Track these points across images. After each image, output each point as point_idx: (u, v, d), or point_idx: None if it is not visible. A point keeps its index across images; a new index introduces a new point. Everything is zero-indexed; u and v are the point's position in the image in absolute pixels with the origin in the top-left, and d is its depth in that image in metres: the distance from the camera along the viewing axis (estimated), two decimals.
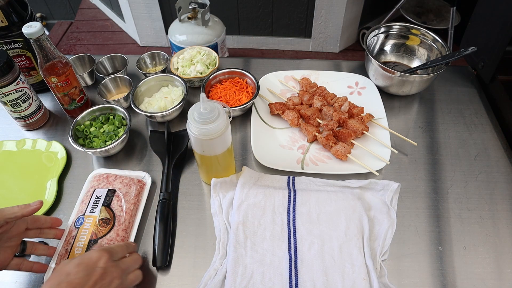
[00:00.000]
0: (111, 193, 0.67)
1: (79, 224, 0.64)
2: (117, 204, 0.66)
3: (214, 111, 0.59)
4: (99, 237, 0.62)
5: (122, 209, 0.65)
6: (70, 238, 0.63)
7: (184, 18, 1.73)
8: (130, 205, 0.66)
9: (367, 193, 0.71)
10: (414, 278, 0.62)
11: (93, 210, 0.65)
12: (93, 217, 0.64)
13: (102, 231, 0.62)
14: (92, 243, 0.61)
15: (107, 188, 0.68)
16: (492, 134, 0.83)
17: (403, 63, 0.97)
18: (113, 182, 0.69)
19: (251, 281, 0.59)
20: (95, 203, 0.66)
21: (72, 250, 0.61)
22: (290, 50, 2.40)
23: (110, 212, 0.64)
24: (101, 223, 0.63)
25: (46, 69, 0.76)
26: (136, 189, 0.69)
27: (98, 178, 0.71)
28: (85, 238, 0.62)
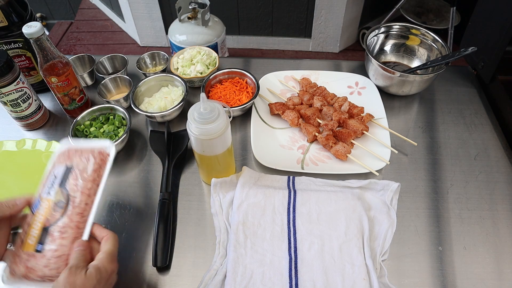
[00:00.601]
0: (68, 170, 0.57)
1: (34, 209, 0.55)
2: (72, 183, 0.56)
3: (214, 111, 0.59)
4: (51, 223, 0.53)
5: (77, 188, 0.55)
6: (25, 225, 0.54)
7: (184, 18, 1.73)
8: (87, 183, 0.56)
9: (367, 193, 0.71)
10: (414, 278, 0.62)
11: (49, 191, 0.55)
12: (48, 200, 0.54)
13: (54, 216, 0.53)
14: (44, 232, 0.52)
15: (65, 164, 0.57)
16: (492, 134, 0.83)
17: (403, 63, 0.97)
18: (72, 158, 0.58)
19: (251, 281, 0.59)
20: (52, 182, 0.56)
21: (26, 240, 0.52)
22: (290, 50, 2.40)
23: (65, 193, 0.55)
24: (55, 207, 0.54)
25: (46, 69, 0.76)
26: (96, 163, 0.57)
27: (60, 155, 0.60)
28: (38, 225, 0.53)
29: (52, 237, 0.52)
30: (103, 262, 0.50)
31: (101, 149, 0.60)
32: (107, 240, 0.53)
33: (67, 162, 0.58)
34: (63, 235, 0.52)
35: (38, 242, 0.52)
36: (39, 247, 0.52)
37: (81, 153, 0.59)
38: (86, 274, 0.48)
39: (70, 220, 0.53)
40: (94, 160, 0.58)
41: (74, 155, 0.58)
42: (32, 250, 0.52)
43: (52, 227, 0.52)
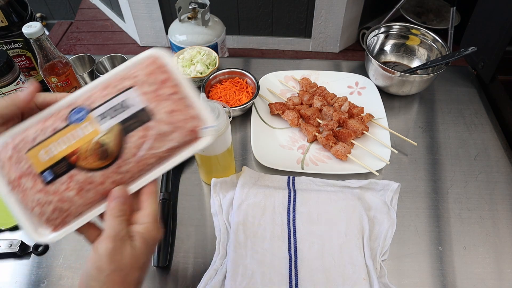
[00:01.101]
0: (143, 116, 0.39)
1: (74, 119, 0.40)
2: (137, 140, 0.39)
3: (214, 111, 0.59)
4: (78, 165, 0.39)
5: (136, 154, 0.39)
6: (51, 128, 0.39)
7: (184, 18, 1.73)
8: (152, 157, 0.40)
9: (367, 193, 0.71)
10: (414, 278, 0.62)
11: (104, 117, 0.39)
12: (95, 127, 0.39)
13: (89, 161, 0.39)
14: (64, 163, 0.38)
15: (147, 103, 0.40)
16: (492, 134, 0.83)
17: (403, 63, 0.97)
18: (161, 100, 0.40)
19: (251, 281, 0.59)
20: (115, 109, 0.39)
21: (38, 147, 0.39)
22: (290, 50, 2.40)
23: (119, 144, 0.39)
24: (96, 149, 0.39)
25: (46, 69, 0.76)
26: (179, 141, 0.40)
27: (152, 70, 0.41)
28: (63, 147, 0.39)
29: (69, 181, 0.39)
30: (149, 229, 0.38)
31: (194, 126, 0.41)
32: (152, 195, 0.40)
33: (151, 101, 0.40)
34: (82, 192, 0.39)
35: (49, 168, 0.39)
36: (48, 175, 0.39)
37: (176, 107, 0.40)
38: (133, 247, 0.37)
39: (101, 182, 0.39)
40: (181, 135, 0.40)
41: (167, 100, 0.40)
42: (38, 171, 0.39)
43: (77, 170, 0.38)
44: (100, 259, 0.36)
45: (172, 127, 0.40)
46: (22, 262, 0.65)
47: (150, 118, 0.39)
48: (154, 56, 0.43)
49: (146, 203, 0.40)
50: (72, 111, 0.40)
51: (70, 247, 0.67)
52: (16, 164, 0.39)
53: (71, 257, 0.65)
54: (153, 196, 0.40)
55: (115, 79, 0.42)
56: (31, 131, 0.40)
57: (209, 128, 0.42)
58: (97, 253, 0.36)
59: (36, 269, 0.64)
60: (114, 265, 0.36)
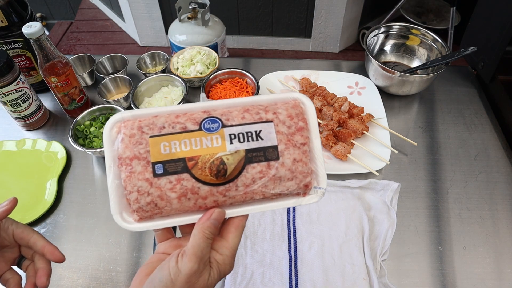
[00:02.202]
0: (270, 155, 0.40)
1: (205, 128, 0.39)
2: (255, 172, 0.39)
3: None
4: (192, 170, 0.38)
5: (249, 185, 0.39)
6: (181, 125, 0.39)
7: (184, 18, 1.73)
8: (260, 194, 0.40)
9: (367, 193, 0.71)
10: (414, 278, 0.62)
11: (235, 138, 0.39)
12: (223, 144, 0.38)
13: (203, 172, 0.38)
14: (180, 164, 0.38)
15: (279, 143, 0.40)
16: (492, 134, 0.83)
17: (403, 63, 0.97)
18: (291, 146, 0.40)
19: (251, 281, 0.59)
20: (248, 134, 0.39)
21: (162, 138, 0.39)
22: (290, 50, 2.40)
23: (238, 169, 0.38)
24: (215, 164, 0.38)
25: (46, 69, 0.76)
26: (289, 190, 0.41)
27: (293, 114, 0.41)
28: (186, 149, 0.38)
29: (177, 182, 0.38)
30: (225, 262, 0.38)
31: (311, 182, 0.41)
32: (238, 229, 0.39)
33: (282, 143, 0.40)
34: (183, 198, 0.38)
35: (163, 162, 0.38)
36: (159, 168, 0.38)
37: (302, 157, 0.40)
38: (209, 275, 0.36)
39: (205, 196, 0.39)
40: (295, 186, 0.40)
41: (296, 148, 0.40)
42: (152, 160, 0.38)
43: (189, 175, 0.38)
44: (179, 274, 0.35)
45: (291, 175, 0.40)
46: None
47: (276, 158, 0.39)
48: (301, 101, 0.43)
49: (231, 235, 0.39)
50: (206, 119, 0.40)
51: (70, 247, 0.67)
52: (135, 145, 0.39)
53: (71, 257, 0.65)
54: (240, 230, 0.39)
55: (257, 106, 0.42)
56: (161, 120, 0.40)
57: (320, 189, 0.41)
58: (178, 267, 0.35)
59: None
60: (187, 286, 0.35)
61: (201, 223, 0.38)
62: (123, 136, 0.39)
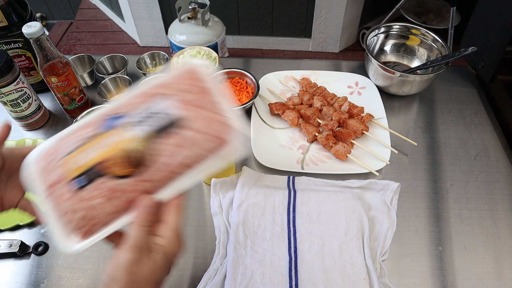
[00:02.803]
0: (179, 124, 0.39)
1: (108, 127, 0.40)
2: (170, 149, 0.39)
3: None
4: (107, 172, 0.38)
5: (169, 163, 0.39)
6: (84, 135, 0.40)
7: (184, 18, 1.73)
8: (181, 166, 0.39)
9: (367, 193, 0.71)
10: (414, 278, 0.62)
11: (139, 124, 0.39)
12: (129, 136, 0.39)
13: (119, 168, 0.38)
14: (94, 171, 0.38)
15: (184, 112, 0.40)
16: (492, 134, 0.83)
17: (403, 63, 0.97)
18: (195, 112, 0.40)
19: (251, 281, 0.59)
20: (150, 116, 0.39)
21: (70, 156, 0.39)
22: (290, 50, 2.40)
23: (151, 152, 0.39)
24: (127, 156, 0.38)
25: (46, 69, 0.76)
26: (208, 150, 0.40)
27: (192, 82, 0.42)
28: (93, 155, 0.39)
29: (98, 188, 0.39)
30: (170, 243, 0.38)
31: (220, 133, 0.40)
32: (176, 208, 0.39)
33: (184, 111, 0.40)
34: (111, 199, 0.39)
35: (79, 176, 0.39)
36: (78, 182, 0.39)
37: (207, 117, 0.40)
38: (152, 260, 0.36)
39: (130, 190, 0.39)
40: (210, 144, 0.40)
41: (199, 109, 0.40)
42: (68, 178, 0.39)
43: (106, 177, 0.38)
44: (118, 268, 0.35)
45: (203, 135, 0.40)
46: (22, 262, 0.65)
47: (183, 126, 0.39)
48: (193, 69, 0.43)
49: (170, 216, 0.39)
50: (106, 120, 0.40)
51: None
52: (51, 172, 0.40)
53: (71, 257, 0.65)
54: (178, 209, 0.39)
55: (152, 88, 0.42)
56: (65, 140, 0.41)
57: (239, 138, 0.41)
58: (116, 262, 0.35)
59: (36, 269, 0.64)
60: (130, 277, 0.35)
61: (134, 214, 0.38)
62: (40, 170, 0.40)
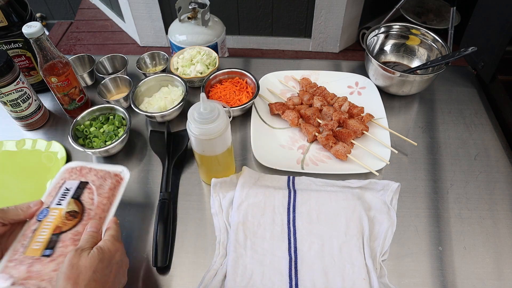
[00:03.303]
0: (82, 185, 0.60)
1: (41, 217, 0.56)
2: (88, 197, 0.59)
3: (214, 111, 0.59)
4: (63, 230, 0.55)
5: (93, 203, 0.59)
6: (29, 232, 0.55)
7: (184, 18, 1.73)
8: (103, 199, 0.60)
9: (367, 193, 0.71)
10: (414, 278, 0.62)
11: (60, 202, 0.58)
12: (59, 209, 0.57)
13: (68, 224, 0.55)
14: (54, 237, 0.54)
15: (79, 180, 0.62)
16: (492, 134, 0.83)
17: (403, 63, 0.97)
18: (86, 175, 0.63)
19: (251, 281, 0.59)
20: (63, 195, 0.59)
21: (30, 245, 0.54)
22: (290, 50, 2.40)
23: (79, 205, 0.58)
24: (68, 216, 0.56)
25: (46, 69, 0.76)
26: (112, 183, 0.62)
27: (70, 171, 0.64)
28: (46, 232, 0.55)
29: (64, 243, 0.54)
30: (106, 243, 0.52)
31: (116, 172, 0.65)
32: (109, 229, 0.56)
33: (81, 178, 0.62)
34: (76, 242, 0.54)
35: (45, 248, 0.53)
36: (47, 252, 0.53)
37: (96, 172, 0.63)
38: (90, 255, 0.49)
39: (83, 229, 0.56)
40: (111, 180, 0.63)
41: (89, 173, 0.63)
42: (38, 255, 0.52)
43: (64, 234, 0.55)
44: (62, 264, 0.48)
45: (102, 179, 0.62)
46: None
47: (86, 183, 0.61)
48: (66, 167, 0.65)
49: (107, 231, 0.55)
50: (36, 216, 0.56)
51: None
52: (20, 265, 0.52)
53: None
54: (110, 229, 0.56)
55: (52, 188, 0.61)
56: (17, 245, 0.54)
57: (123, 171, 0.65)
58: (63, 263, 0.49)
59: None
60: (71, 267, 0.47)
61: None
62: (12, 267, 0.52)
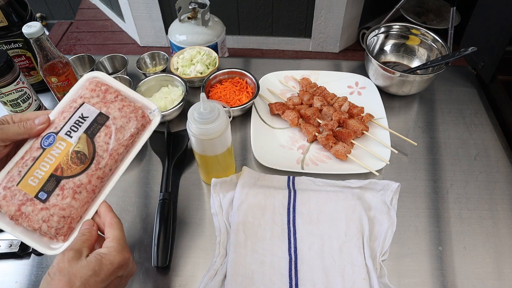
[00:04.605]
0: (101, 120, 0.49)
1: (47, 144, 0.47)
2: (103, 139, 0.49)
3: (214, 111, 0.59)
4: (64, 175, 0.46)
5: (108, 148, 0.49)
6: (29, 159, 0.47)
7: (184, 18, 1.73)
8: (120, 147, 0.49)
9: (367, 193, 0.71)
10: (414, 278, 0.62)
11: (71, 133, 0.48)
12: (67, 142, 0.47)
13: (72, 169, 0.47)
14: (52, 179, 0.46)
15: (100, 109, 0.50)
16: (492, 134, 0.83)
17: (403, 63, 0.97)
18: (110, 104, 0.51)
19: (251, 281, 0.59)
20: (76, 123, 0.48)
21: (25, 178, 0.46)
22: (290, 50, 2.40)
23: (91, 146, 0.48)
24: (74, 158, 0.47)
25: (46, 69, 0.76)
26: (136, 127, 0.51)
27: (94, 88, 0.52)
28: (47, 168, 0.46)
29: (62, 191, 0.46)
30: (110, 251, 0.44)
31: (145, 111, 0.52)
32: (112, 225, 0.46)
33: (102, 107, 0.49)
34: (76, 195, 0.46)
35: (41, 189, 0.45)
36: (42, 195, 0.45)
37: (122, 105, 0.51)
38: (83, 262, 0.42)
39: (88, 181, 0.47)
40: (136, 122, 0.50)
41: (114, 102, 0.50)
42: (32, 195, 0.45)
43: (65, 180, 0.46)
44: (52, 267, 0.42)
45: (126, 119, 0.51)
46: (22, 262, 0.65)
47: (107, 118, 0.50)
48: (91, 76, 0.54)
49: (110, 232, 0.46)
50: (42, 139, 0.48)
51: None
52: (12, 199, 0.45)
53: None
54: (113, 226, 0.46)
55: (67, 103, 0.51)
56: (14, 170, 0.47)
57: (154, 111, 0.53)
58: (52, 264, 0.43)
59: (36, 269, 0.64)
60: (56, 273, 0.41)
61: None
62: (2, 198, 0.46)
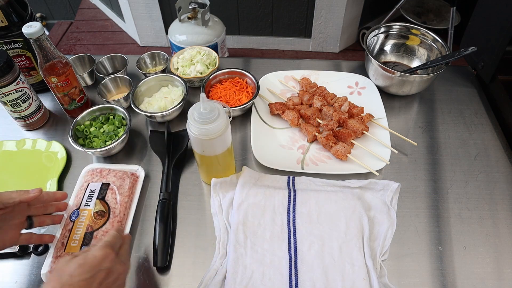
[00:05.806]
0: (105, 187, 0.69)
1: (74, 218, 0.65)
2: (111, 197, 0.67)
3: (214, 111, 0.59)
4: (94, 229, 0.63)
5: (117, 202, 0.67)
6: (66, 232, 0.64)
7: (184, 18, 1.73)
8: (124, 197, 0.68)
9: (367, 193, 0.70)
10: (414, 278, 0.62)
11: (88, 203, 0.66)
12: (88, 210, 0.65)
13: (98, 223, 0.64)
14: (88, 235, 0.62)
15: (101, 181, 0.70)
16: (492, 134, 0.83)
17: (403, 63, 0.97)
18: (106, 176, 0.71)
19: (251, 281, 0.59)
20: (89, 196, 0.67)
21: (69, 243, 0.62)
22: (290, 50, 2.40)
23: (105, 205, 0.66)
24: (96, 216, 0.64)
25: (46, 69, 0.76)
26: (130, 182, 0.70)
27: (91, 173, 0.72)
28: (80, 230, 0.63)
29: (96, 239, 0.62)
30: (95, 248, 0.50)
31: (132, 171, 0.74)
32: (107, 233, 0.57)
33: (102, 180, 0.70)
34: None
35: (81, 244, 0.62)
36: (83, 248, 0.61)
37: (115, 173, 0.71)
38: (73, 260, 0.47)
39: (111, 226, 0.64)
40: (129, 179, 0.71)
41: (109, 175, 0.71)
42: (77, 251, 0.60)
43: (96, 231, 0.63)
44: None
45: (121, 180, 0.70)
46: (22, 262, 0.65)
47: (108, 185, 0.69)
48: (87, 169, 0.74)
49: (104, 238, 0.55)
50: (69, 216, 0.66)
51: None
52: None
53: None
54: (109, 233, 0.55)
55: (78, 190, 0.71)
56: (58, 243, 0.64)
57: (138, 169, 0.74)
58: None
59: (36, 269, 0.64)
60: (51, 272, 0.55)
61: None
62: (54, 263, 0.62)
